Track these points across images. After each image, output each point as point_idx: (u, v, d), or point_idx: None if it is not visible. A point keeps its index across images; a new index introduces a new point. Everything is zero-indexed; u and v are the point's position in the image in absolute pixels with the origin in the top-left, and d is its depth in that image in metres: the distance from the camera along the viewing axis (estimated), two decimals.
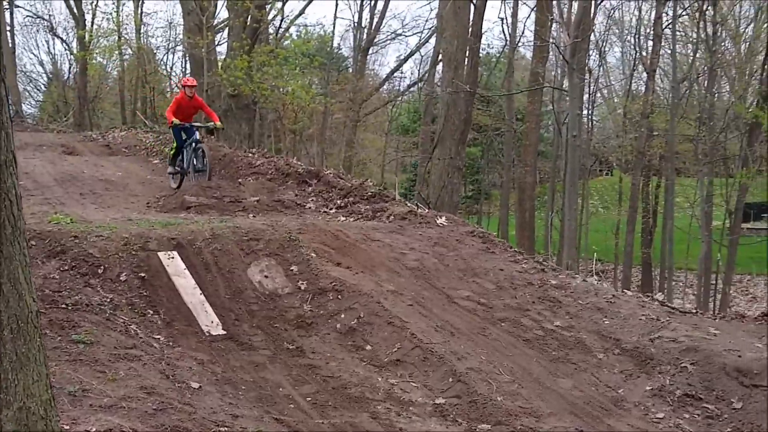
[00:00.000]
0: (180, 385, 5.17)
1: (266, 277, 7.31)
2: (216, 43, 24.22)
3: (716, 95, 27.57)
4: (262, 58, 20.17)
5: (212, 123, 12.32)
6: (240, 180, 11.88)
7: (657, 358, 6.52)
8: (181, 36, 27.10)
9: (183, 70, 31.00)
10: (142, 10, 28.93)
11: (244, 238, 7.79)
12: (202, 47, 20.00)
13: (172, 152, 12.60)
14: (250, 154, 14.07)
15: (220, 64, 21.29)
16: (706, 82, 26.32)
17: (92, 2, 29.13)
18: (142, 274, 6.87)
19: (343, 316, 6.78)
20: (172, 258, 7.19)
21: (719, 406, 5.91)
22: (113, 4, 28.96)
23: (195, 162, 11.84)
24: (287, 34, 29.31)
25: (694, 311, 8.54)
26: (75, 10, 28.65)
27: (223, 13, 26.82)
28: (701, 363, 6.29)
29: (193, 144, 12.09)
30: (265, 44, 22.29)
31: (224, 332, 6.43)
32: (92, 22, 28.71)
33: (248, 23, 20.69)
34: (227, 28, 24.11)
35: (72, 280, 6.51)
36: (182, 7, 22.65)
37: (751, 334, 6.94)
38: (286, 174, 12.20)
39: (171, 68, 35.38)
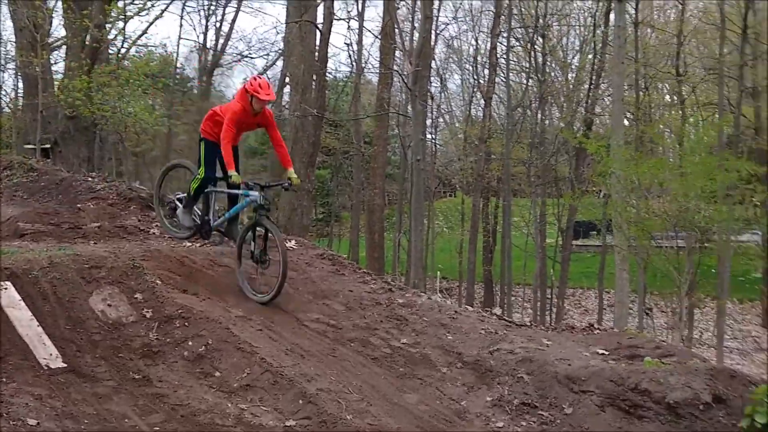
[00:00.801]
0: (15, 423, 4.92)
1: (109, 305, 7.07)
2: (53, 62, 23.08)
3: (547, 122, 29.49)
4: (103, 78, 19.46)
5: (287, 180, 7.99)
6: (80, 205, 11.33)
7: (496, 370, 6.88)
8: (12, 53, 25.55)
9: (15, 88, 29.16)
10: None
11: (85, 265, 7.48)
12: (37, 66, 19.01)
13: (194, 186, 8.29)
14: (90, 179, 13.44)
15: (57, 84, 20.31)
16: (538, 109, 28.16)
17: None
18: None
19: (190, 343, 6.67)
20: (6, 289, 6.78)
21: (552, 413, 6.32)
22: None
23: (251, 246, 7.87)
24: (129, 54, 28.40)
25: (529, 324, 9.09)
26: None
27: (60, 31, 25.61)
28: (536, 373, 6.70)
29: (248, 200, 7.91)
30: (105, 64, 21.49)
31: (65, 365, 6.15)
32: None
33: (87, 42, 19.90)
34: (65, 46, 23.06)
35: None
36: (13, 23, 21.43)
37: (579, 344, 7.49)
38: (128, 199, 11.78)
39: (1, 86, 33.23)
